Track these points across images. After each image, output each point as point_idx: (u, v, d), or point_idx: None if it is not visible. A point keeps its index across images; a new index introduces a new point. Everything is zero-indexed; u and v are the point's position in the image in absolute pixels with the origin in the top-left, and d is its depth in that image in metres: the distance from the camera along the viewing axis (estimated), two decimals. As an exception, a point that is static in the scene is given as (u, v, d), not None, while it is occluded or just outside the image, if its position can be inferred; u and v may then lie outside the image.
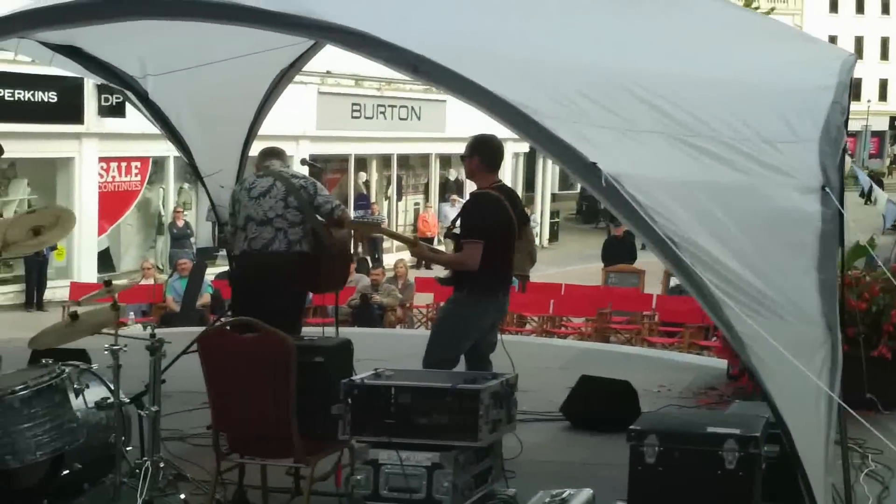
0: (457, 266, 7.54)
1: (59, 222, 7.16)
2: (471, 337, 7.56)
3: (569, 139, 4.64)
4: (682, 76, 5.60)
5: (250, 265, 8.15)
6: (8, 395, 6.13)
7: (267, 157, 8.51)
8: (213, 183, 10.30)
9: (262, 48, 8.92)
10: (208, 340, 6.15)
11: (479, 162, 7.60)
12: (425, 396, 5.68)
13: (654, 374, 10.35)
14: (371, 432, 5.66)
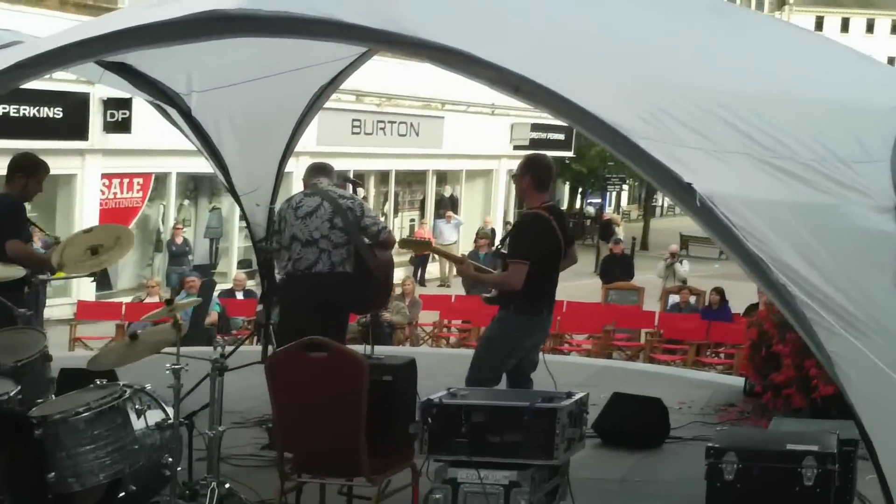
0: (501, 286, 7.53)
1: (118, 242, 7.09)
2: (515, 355, 7.55)
3: (663, 159, 4.61)
4: (759, 95, 5.56)
5: (295, 284, 8.08)
6: (72, 417, 6.07)
7: (315, 174, 8.42)
8: (249, 201, 10.28)
9: (302, 65, 8.95)
10: (278, 360, 6.09)
11: (531, 181, 7.59)
12: (503, 415, 5.66)
13: (672, 390, 10.31)
14: (449, 451, 5.61)
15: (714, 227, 4.60)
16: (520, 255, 7.34)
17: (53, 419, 6.08)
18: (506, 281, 7.39)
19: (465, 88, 31.94)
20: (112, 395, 6.21)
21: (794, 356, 9.03)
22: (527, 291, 7.31)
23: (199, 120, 9.66)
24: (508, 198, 37.71)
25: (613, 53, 5.56)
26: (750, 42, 6.45)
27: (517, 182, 7.81)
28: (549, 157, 8.31)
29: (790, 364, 9.03)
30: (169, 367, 6.47)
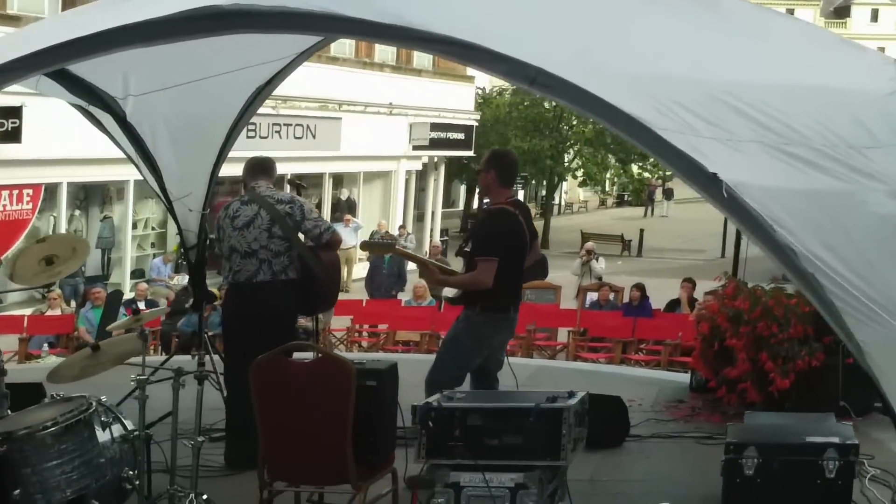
0: (472, 286, 7.32)
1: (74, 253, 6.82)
2: (481, 354, 7.44)
3: (687, 150, 4.55)
4: (762, 82, 5.54)
5: (238, 296, 7.96)
6: (40, 432, 5.83)
7: (255, 174, 8.23)
8: (182, 207, 10.01)
9: (238, 67, 8.75)
10: (263, 367, 5.86)
11: (496, 176, 7.48)
12: (507, 417, 5.58)
13: (617, 389, 10.25)
14: (449, 455, 5.49)
15: (741, 217, 4.59)
16: (488, 252, 7.20)
17: (18, 435, 5.83)
18: (476, 280, 7.22)
19: (361, 88, 31.94)
20: (79, 409, 5.97)
21: (749, 350, 9.07)
22: (494, 289, 7.19)
23: (133, 125, 9.38)
24: (408, 199, 37.58)
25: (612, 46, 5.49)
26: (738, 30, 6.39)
27: (481, 177, 7.63)
28: (513, 153, 8.26)
29: (745, 358, 9.05)
30: (133, 378, 6.25)
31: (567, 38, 5.24)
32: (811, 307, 9.07)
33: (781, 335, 8.94)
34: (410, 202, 37.92)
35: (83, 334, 17.03)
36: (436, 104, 36.94)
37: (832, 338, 8.85)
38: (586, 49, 5.17)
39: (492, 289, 7.18)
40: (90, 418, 5.98)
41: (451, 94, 38.50)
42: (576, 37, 5.31)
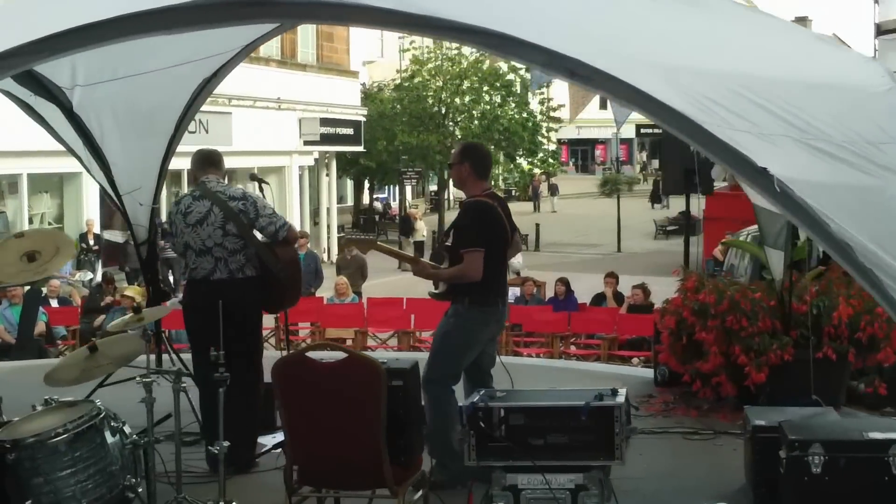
0: (461, 279, 7.30)
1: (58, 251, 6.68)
2: (474, 350, 7.44)
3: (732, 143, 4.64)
4: (775, 78, 5.60)
5: (197, 293, 7.88)
6: (52, 439, 5.73)
7: (205, 167, 8.16)
8: (132, 201, 9.88)
9: (185, 59, 8.71)
10: (286, 368, 5.80)
11: (471, 169, 7.49)
12: (558, 416, 5.58)
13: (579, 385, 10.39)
14: (502, 456, 5.49)
15: (794, 211, 4.62)
16: (473, 244, 7.22)
17: (27, 443, 5.72)
18: (464, 273, 7.22)
19: (249, 83, 31.61)
20: (89, 414, 5.87)
21: (720, 343, 9.25)
22: (480, 282, 7.24)
23: (81, 116, 9.30)
24: (303, 195, 37.38)
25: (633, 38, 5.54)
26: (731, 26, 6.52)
27: (455, 171, 7.60)
28: (483, 145, 8.28)
29: (716, 352, 9.22)
30: (139, 380, 6.18)
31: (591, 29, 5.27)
32: (775, 300, 9.40)
33: (751, 328, 9.13)
34: (306, 198, 37.74)
35: (2, 333, 16.57)
36: (323, 99, 36.90)
37: (799, 332, 9.15)
38: (611, 40, 5.20)
39: (478, 282, 7.22)
40: (101, 424, 5.90)
41: (338, 89, 38.53)
42: (597, 28, 5.33)
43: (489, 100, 47.14)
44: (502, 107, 47.07)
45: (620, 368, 13.26)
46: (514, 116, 46.72)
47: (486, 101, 46.90)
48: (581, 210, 59.02)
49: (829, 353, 9.01)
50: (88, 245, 26.96)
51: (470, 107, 46.76)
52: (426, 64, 46.62)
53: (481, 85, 46.55)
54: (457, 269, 7.32)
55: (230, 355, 6.52)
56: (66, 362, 6.40)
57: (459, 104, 46.66)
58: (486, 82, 46.48)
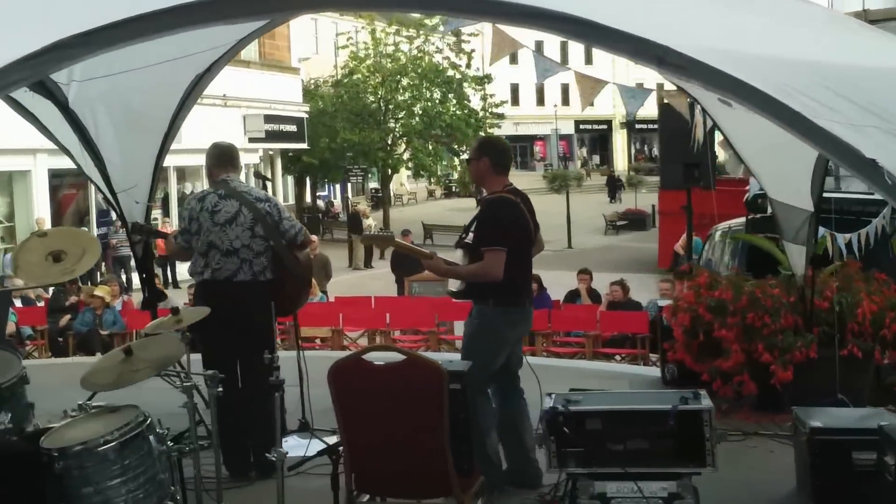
0: (479, 278, 7.05)
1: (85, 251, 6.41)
2: (503, 351, 7.22)
3: (834, 132, 4.54)
4: (846, 66, 5.53)
5: (214, 294, 7.64)
6: (101, 447, 5.48)
7: (223, 165, 7.98)
8: (128, 199, 9.62)
9: (181, 53, 8.48)
10: (342, 371, 5.55)
11: (490, 164, 7.25)
12: (641, 420, 5.39)
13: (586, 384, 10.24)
14: (587, 463, 5.30)
15: (911, 205, 4.57)
16: (494, 242, 6.97)
17: (74, 451, 5.46)
18: (484, 271, 6.96)
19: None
20: (136, 421, 5.64)
21: (740, 341, 9.15)
22: (504, 282, 7.00)
23: (76, 112, 9.06)
24: (250, 190, 36.99)
25: (706, 25, 5.43)
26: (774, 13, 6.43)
27: (473, 167, 7.39)
28: (503, 138, 8.10)
29: (738, 349, 9.12)
30: (179, 385, 5.96)
31: (666, 16, 5.12)
32: (794, 296, 9.34)
33: (774, 325, 9.05)
34: (252, 195, 37.31)
35: (-25, 335, 16.15)
36: (267, 96, 36.65)
37: (821, 329, 9.08)
38: (682, 29, 5.06)
39: (502, 282, 7.01)
40: (147, 431, 5.66)
41: (281, 86, 38.30)
42: (663, 18, 5.20)
43: (430, 96, 47.02)
44: (443, 103, 46.96)
45: (622, 367, 13.16)
46: (455, 113, 46.60)
47: (427, 98, 46.76)
48: (524, 207, 59.06)
49: (855, 351, 8.93)
50: (39, 244, 26.41)
51: (410, 103, 46.62)
52: (364, 61, 46.43)
53: (421, 81, 46.43)
54: (476, 267, 7.05)
55: (252, 358, 6.31)
56: (101, 365, 6.10)
57: (400, 101, 46.50)
58: (426, 79, 46.37)
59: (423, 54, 46.97)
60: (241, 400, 7.26)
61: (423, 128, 46.61)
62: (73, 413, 6.35)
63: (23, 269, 6.27)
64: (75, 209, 30.20)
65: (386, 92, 46.46)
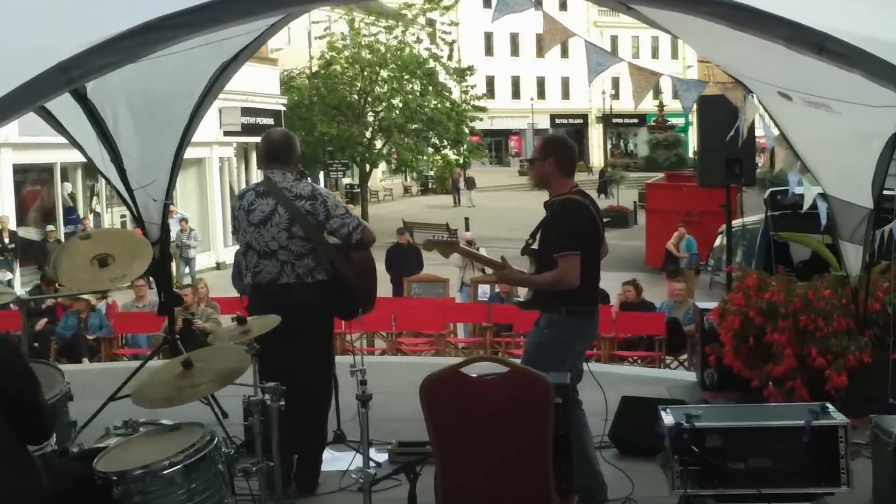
0: (555, 286, 6.74)
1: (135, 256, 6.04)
2: (567, 363, 6.89)
3: None
4: None
5: (263, 297, 7.26)
6: (167, 470, 5.14)
7: (269, 161, 7.45)
8: (144, 196, 9.26)
9: (206, 41, 8.06)
10: (438, 385, 5.25)
11: (555, 165, 6.96)
12: (772, 437, 5.12)
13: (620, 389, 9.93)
14: (712, 483, 5.00)
15: None
16: (568, 247, 6.68)
17: (135, 474, 5.12)
18: (561, 279, 6.67)
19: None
20: (203, 440, 5.30)
21: (793, 345, 8.90)
22: (577, 288, 6.72)
23: (94, 103, 8.70)
24: (223, 187, 36.55)
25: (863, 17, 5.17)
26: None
27: (537, 168, 7.07)
28: (569, 138, 7.81)
29: (790, 354, 8.87)
30: (245, 400, 5.62)
31: (823, 3, 4.89)
32: (846, 299, 9.09)
33: (827, 329, 8.80)
34: (227, 190, 36.90)
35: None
36: (243, 87, 36.01)
37: (873, 332, 8.84)
38: (844, 15, 4.81)
39: (575, 289, 6.74)
40: (215, 451, 5.33)
41: (257, 77, 37.66)
42: (826, 2, 4.96)
43: (410, 88, 46.63)
44: (424, 95, 46.60)
45: (656, 371, 12.92)
46: (437, 106, 46.24)
47: (408, 91, 46.38)
48: (500, 203, 58.78)
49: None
50: (4, 244, 25.89)
51: (390, 95, 46.22)
52: (343, 52, 45.99)
53: (401, 73, 46.02)
54: (552, 276, 6.75)
55: (299, 366, 5.98)
56: (155, 379, 5.74)
57: (379, 93, 46.11)
58: (407, 70, 45.96)
59: (403, 45, 46.55)
60: (287, 411, 6.91)
61: (403, 121, 46.24)
62: (117, 430, 6.03)
63: (65, 274, 5.88)
64: (39, 206, 29.63)
65: (365, 84, 46.04)
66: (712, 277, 18.20)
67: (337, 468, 7.75)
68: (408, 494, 5.42)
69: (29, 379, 4.89)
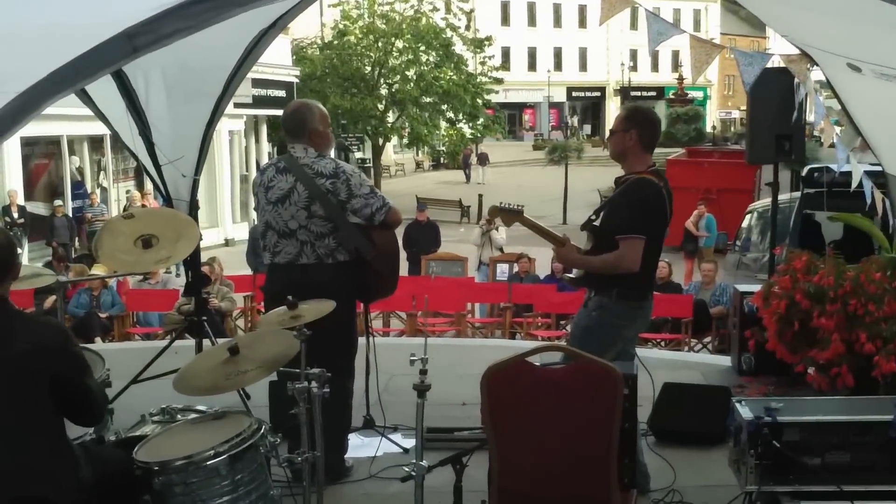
0: (614, 269, 6.60)
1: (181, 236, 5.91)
2: (615, 349, 6.73)
3: None
4: None
5: (281, 278, 7.13)
6: (211, 461, 5.05)
7: (290, 134, 7.25)
8: (173, 172, 9.15)
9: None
10: (501, 375, 5.12)
11: (637, 138, 6.77)
12: (861, 433, 5.00)
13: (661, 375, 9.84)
14: (790, 479, 4.88)
15: None
16: (633, 230, 6.54)
17: (177, 465, 5.04)
18: (620, 262, 6.54)
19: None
20: (250, 430, 5.20)
21: (841, 330, 8.76)
22: (633, 273, 6.58)
23: (127, 74, 8.60)
24: (233, 161, 36.39)
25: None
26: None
27: (617, 139, 6.86)
28: (653, 109, 7.60)
29: (837, 339, 8.72)
30: (292, 388, 5.52)
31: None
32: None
33: (878, 313, 8.66)
34: (236, 164, 36.79)
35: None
36: (255, 57, 35.79)
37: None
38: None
39: (633, 272, 6.60)
40: (260, 441, 5.24)
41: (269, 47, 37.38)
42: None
43: (426, 60, 46.36)
44: (440, 67, 46.32)
45: (688, 355, 12.81)
46: (453, 78, 45.98)
47: (423, 62, 46.10)
48: (513, 180, 58.51)
49: None
50: (13, 219, 25.74)
51: (405, 67, 45.96)
52: (357, 21, 45.68)
53: (417, 44, 45.73)
54: (612, 258, 6.61)
55: (321, 350, 5.85)
56: (199, 365, 5.62)
57: (394, 65, 45.84)
58: (423, 41, 45.65)
59: (420, 14, 46.19)
60: None
61: (418, 94, 45.99)
62: (154, 417, 5.94)
63: (107, 255, 5.77)
64: (47, 180, 29.52)
65: (379, 55, 45.74)
66: (740, 258, 18.02)
67: (366, 454, 7.71)
68: (453, 487, 5.28)
69: (78, 361, 4.89)
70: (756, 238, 17.64)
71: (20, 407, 4.65)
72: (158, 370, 8.58)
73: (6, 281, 4.86)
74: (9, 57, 3.80)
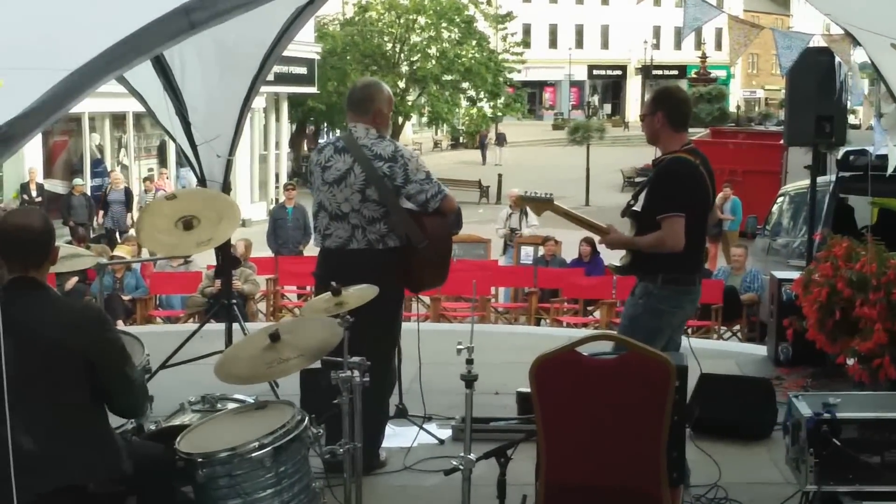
0: (659, 248, 6.54)
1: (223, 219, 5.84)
2: (663, 337, 6.66)
3: None
4: None
5: (329, 263, 7.08)
6: (256, 452, 4.97)
7: (352, 111, 7.14)
8: (208, 152, 9.08)
9: None
10: (552, 366, 5.05)
11: (665, 119, 6.72)
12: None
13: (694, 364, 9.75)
14: (852, 479, 4.78)
15: None
16: (673, 208, 6.48)
17: (222, 457, 4.96)
18: (664, 242, 6.48)
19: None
20: (294, 421, 5.13)
21: (884, 320, 8.64)
22: (678, 255, 6.51)
23: (163, 53, 8.50)
24: (253, 138, 36.27)
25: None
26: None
27: (647, 123, 6.84)
28: (682, 89, 7.51)
29: (881, 329, 8.60)
30: (335, 377, 5.45)
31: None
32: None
33: (921, 303, 8.56)
34: (256, 143, 36.69)
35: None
36: (276, 33, 35.65)
37: None
38: None
39: (675, 255, 6.50)
40: (304, 432, 5.17)
41: (291, 23, 37.27)
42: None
43: (448, 37, 46.17)
44: (461, 44, 46.14)
45: (721, 344, 12.67)
46: (475, 56, 45.80)
47: (445, 39, 45.92)
48: (531, 160, 58.24)
49: None
50: (31, 197, 25.70)
51: (426, 45, 45.81)
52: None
53: (439, 21, 45.55)
54: (655, 238, 6.55)
55: (362, 337, 5.78)
56: (239, 353, 5.56)
57: (415, 42, 45.68)
58: (445, 18, 45.47)
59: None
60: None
61: (439, 72, 45.80)
62: (193, 406, 5.87)
63: (147, 237, 5.70)
64: (66, 158, 29.48)
65: (401, 32, 45.57)
66: (770, 243, 17.85)
67: (399, 445, 7.64)
68: (497, 480, 5.22)
69: (114, 346, 4.80)
70: (787, 222, 17.43)
71: (57, 393, 4.59)
72: (185, 355, 8.60)
73: (44, 266, 4.77)
74: (61, 32, 3.66)
